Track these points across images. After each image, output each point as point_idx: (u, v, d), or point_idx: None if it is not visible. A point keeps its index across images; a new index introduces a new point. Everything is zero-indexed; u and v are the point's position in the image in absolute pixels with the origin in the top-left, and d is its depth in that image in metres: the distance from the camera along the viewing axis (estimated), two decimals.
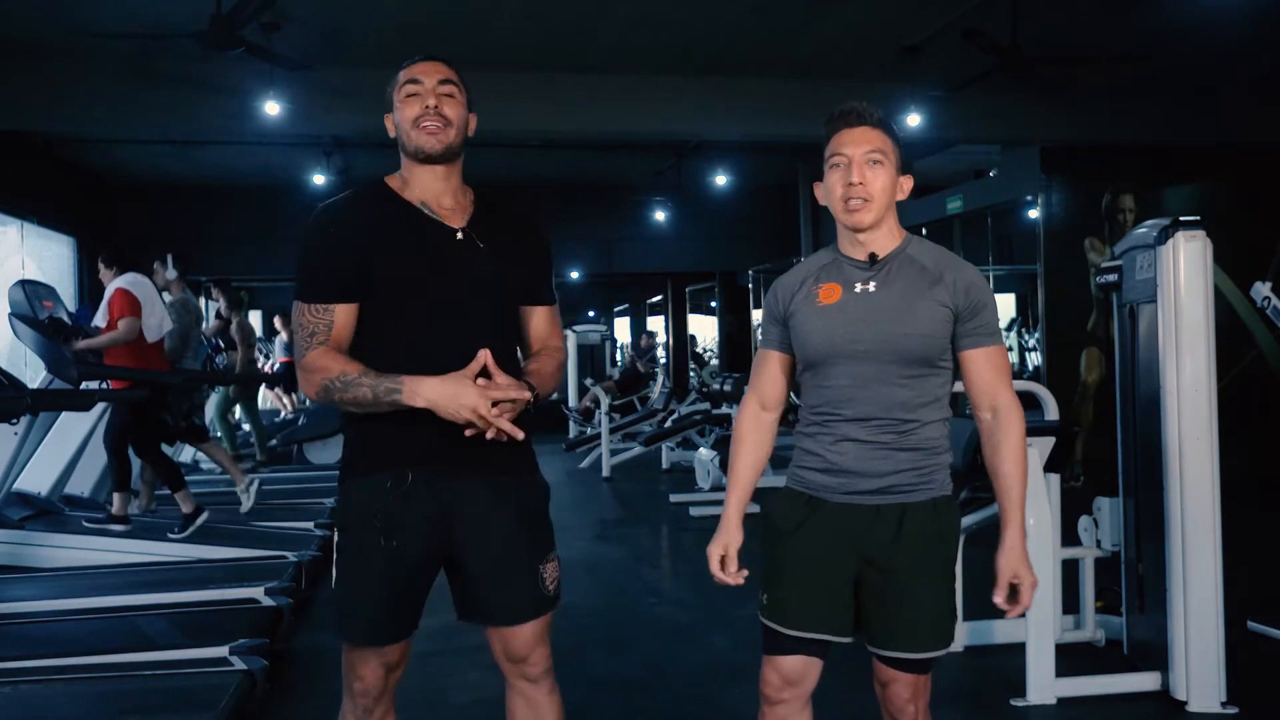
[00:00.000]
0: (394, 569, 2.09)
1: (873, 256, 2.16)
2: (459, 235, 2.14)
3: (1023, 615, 2.21)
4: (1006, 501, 2.12)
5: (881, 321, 2.11)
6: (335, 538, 2.18)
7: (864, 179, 2.10)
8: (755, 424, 2.30)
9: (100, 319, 5.75)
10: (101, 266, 6.03)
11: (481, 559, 2.14)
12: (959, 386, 2.25)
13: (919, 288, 2.12)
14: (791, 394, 2.35)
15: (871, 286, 2.14)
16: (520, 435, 2.03)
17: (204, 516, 5.76)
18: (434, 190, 2.16)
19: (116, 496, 5.85)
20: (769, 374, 2.29)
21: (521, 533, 2.17)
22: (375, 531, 2.08)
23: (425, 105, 2.11)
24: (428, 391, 1.99)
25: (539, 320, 2.28)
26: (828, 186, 2.17)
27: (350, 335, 2.12)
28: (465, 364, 2.03)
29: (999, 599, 2.11)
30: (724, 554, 2.23)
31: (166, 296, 6.51)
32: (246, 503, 6.43)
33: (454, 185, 2.18)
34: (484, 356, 2.03)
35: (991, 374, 2.14)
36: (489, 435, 2.01)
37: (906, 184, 2.17)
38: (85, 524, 5.82)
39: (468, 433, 2.01)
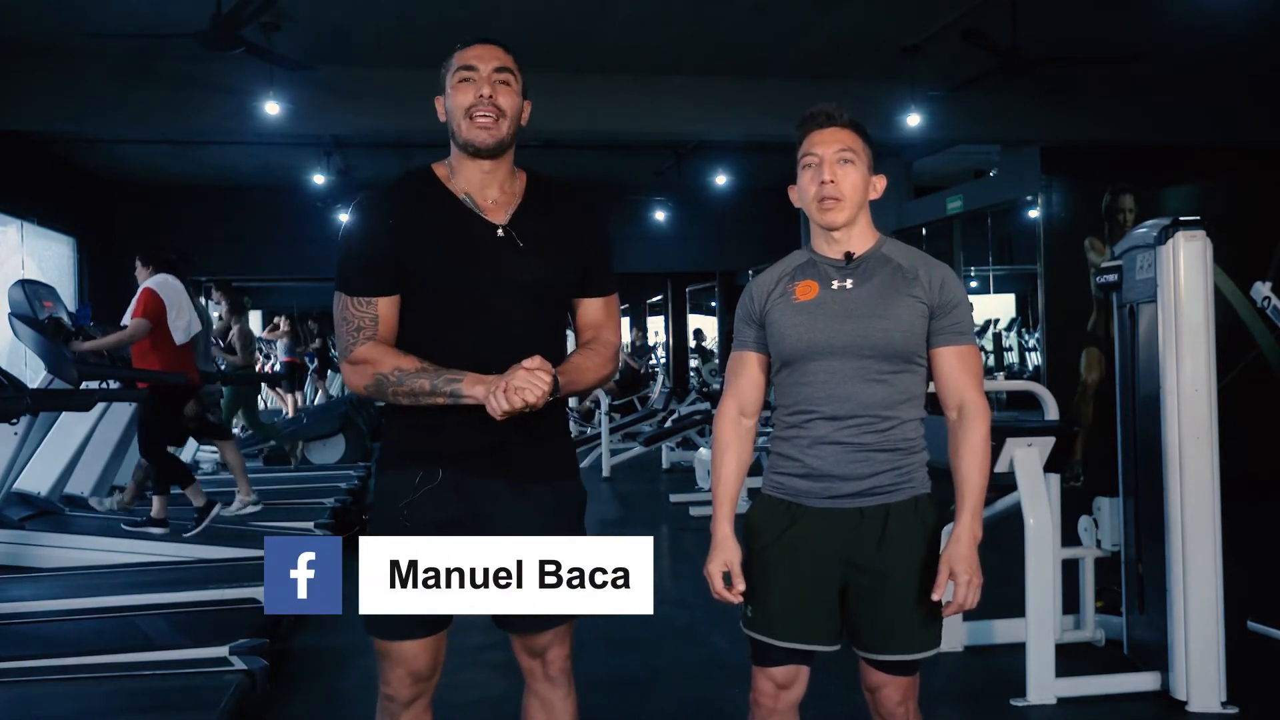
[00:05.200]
0: None
1: (848, 255, 2.18)
2: (499, 233, 2.09)
3: (968, 612, 2.16)
4: (960, 500, 2.13)
5: (860, 317, 2.12)
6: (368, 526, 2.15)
7: (835, 177, 2.13)
8: (736, 432, 2.26)
9: (127, 317, 5.81)
10: (138, 264, 6.06)
11: None
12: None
13: (896, 284, 2.14)
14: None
15: (849, 283, 2.16)
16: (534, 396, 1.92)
17: (162, 531, 5.75)
18: (479, 183, 2.11)
19: (190, 493, 5.80)
20: (748, 375, 2.26)
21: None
22: (400, 524, 2.05)
23: (479, 94, 2.06)
24: (480, 388, 1.95)
25: (590, 311, 2.21)
26: (801, 187, 2.19)
27: (395, 327, 2.09)
28: (501, 360, 1.97)
29: (935, 595, 2.10)
30: (727, 571, 2.19)
31: None
32: (233, 510, 6.40)
33: (501, 176, 2.13)
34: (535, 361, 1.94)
35: (963, 373, 2.15)
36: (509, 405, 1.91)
37: (879, 183, 2.20)
38: (124, 527, 5.81)
39: (502, 411, 1.91)
